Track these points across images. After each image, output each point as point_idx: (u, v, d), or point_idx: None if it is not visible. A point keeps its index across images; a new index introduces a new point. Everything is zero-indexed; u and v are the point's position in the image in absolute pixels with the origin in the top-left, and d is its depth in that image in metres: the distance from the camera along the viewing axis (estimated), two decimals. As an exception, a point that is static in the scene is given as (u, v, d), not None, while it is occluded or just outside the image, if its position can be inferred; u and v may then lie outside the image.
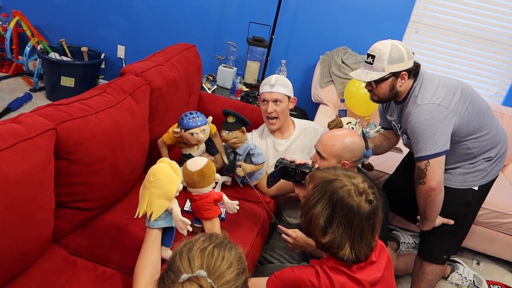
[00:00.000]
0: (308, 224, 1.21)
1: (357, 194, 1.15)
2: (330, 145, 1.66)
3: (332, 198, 1.16)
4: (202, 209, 1.41)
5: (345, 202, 1.14)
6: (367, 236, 1.16)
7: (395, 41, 1.69)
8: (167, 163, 1.28)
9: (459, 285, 2.39)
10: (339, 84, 3.01)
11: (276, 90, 1.99)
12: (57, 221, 1.38)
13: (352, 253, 1.15)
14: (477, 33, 3.06)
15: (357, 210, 1.14)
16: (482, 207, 2.35)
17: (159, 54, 2.09)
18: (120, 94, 1.63)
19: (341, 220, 1.14)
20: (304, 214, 1.22)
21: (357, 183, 1.17)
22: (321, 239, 1.17)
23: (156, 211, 1.22)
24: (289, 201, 2.16)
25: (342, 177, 1.19)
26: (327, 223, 1.16)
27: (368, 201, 1.15)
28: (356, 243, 1.15)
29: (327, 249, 1.19)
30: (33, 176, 1.16)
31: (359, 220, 1.14)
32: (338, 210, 1.14)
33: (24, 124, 1.19)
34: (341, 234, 1.15)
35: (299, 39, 3.27)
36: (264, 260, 1.96)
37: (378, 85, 1.71)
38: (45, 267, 1.30)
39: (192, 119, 1.73)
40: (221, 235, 0.89)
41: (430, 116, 1.63)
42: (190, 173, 1.37)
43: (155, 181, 1.22)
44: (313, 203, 1.18)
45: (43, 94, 3.51)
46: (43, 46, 3.41)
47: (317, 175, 1.25)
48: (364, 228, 1.15)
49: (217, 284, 0.81)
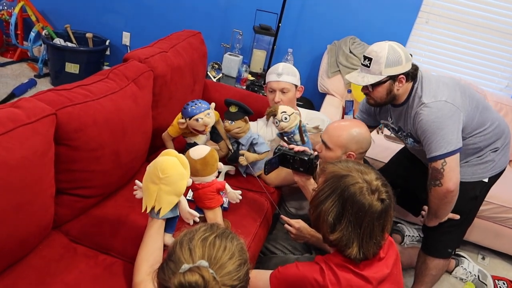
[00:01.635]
0: (316, 219, 1.17)
1: (369, 192, 1.10)
2: (337, 136, 1.63)
3: (342, 195, 1.11)
4: (205, 198, 1.39)
5: (356, 199, 1.09)
6: (376, 236, 1.12)
7: (393, 43, 1.63)
8: (175, 156, 1.24)
9: (463, 279, 2.37)
10: (346, 74, 2.95)
11: (283, 79, 1.95)
12: (57, 207, 1.37)
13: (360, 252, 1.11)
14: (488, 24, 2.99)
15: (368, 208, 1.09)
16: (488, 202, 2.35)
17: (164, 41, 2.06)
18: (123, 80, 1.60)
19: (350, 218, 1.10)
20: (313, 209, 1.18)
21: (370, 180, 1.12)
22: (328, 235, 1.13)
23: (165, 207, 1.21)
24: (293, 192, 2.14)
25: (355, 173, 1.13)
26: (336, 220, 1.11)
27: (381, 200, 1.10)
28: (364, 242, 1.11)
29: (334, 246, 1.16)
30: (33, 162, 1.15)
31: (369, 219, 1.09)
32: (348, 208, 1.10)
33: (23, 108, 1.17)
34: (349, 233, 1.10)
35: (307, 27, 3.22)
36: (267, 251, 1.94)
37: (375, 88, 1.65)
38: (45, 254, 1.29)
39: (194, 106, 1.71)
40: (223, 225, 0.87)
41: (440, 114, 1.58)
42: (193, 161, 1.34)
43: (166, 178, 1.18)
44: (323, 198, 1.14)
45: (47, 80, 3.49)
46: (48, 31, 3.39)
47: (328, 168, 1.19)
48: (374, 227, 1.11)
49: (219, 275, 0.79)
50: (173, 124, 1.80)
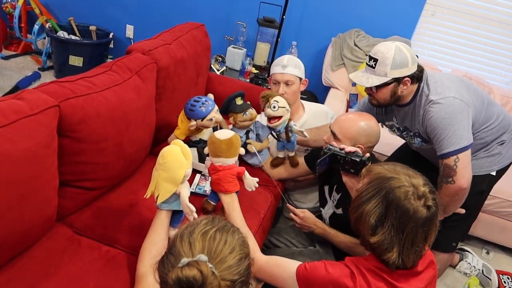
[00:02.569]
0: (357, 220, 1.13)
1: (415, 197, 1.06)
2: (347, 127, 1.62)
3: (387, 197, 1.07)
4: (224, 181, 1.37)
5: (401, 203, 1.05)
6: (418, 243, 1.08)
7: (400, 44, 1.59)
8: (179, 145, 1.24)
9: (467, 274, 2.36)
10: (351, 67, 2.94)
11: (288, 72, 1.94)
12: (61, 200, 1.37)
13: (399, 258, 1.07)
14: (495, 16, 2.95)
15: (413, 214, 1.05)
16: (493, 196, 2.33)
17: (167, 33, 2.05)
18: (126, 72, 1.59)
19: (394, 222, 1.06)
20: (354, 209, 1.14)
21: (417, 185, 1.07)
22: (369, 238, 1.09)
23: (162, 194, 1.21)
24: (297, 186, 2.13)
25: (402, 176, 1.09)
26: (378, 222, 1.07)
27: (427, 207, 1.06)
28: (405, 249, 1.07)
29: (373, 250, 1.11)
30: (36, 154, 1.14)
31: (413, 225, 1.05)
32: (392, 211, 1.05)
33: (26, 100, 1.16)
34: (391, 237, 1.06)
35: (311, 20, 3.19)
36: (271, 244, 1.94)
37: (379, 90, 1.63)
38: (49, 245, 1.29)
39: (202, 106, 1.67)
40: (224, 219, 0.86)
41: (450, 110, 1.56)
42: (218, 141, 1.35)
43: (164, 164, 1.20)
44: (366, 199, 1.10)
45: (51, 73, 3.49)
46: (52, 24, 3.38)
47: (374, 169, 1.15)
48: (417, 234, 1.06)
49: (219, 269, 0.78)
50: (179, 128, 1.73)
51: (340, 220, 1.69)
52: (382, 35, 3.02)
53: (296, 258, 1.71)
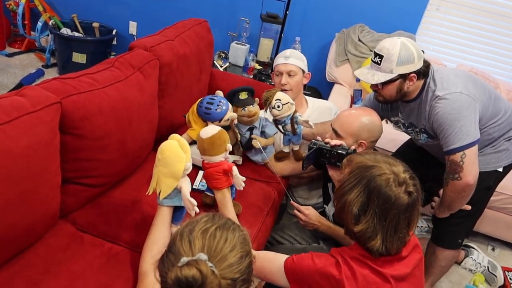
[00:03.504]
0: (340, 210, 1.14)
1: (396, 184, 1.07)
2: (348, 124, 1.61)
3: (368, 185, 1.08)
4: (211, 178, 1.38)
5: (383, 191, 1.06)
6: (401, 230, 1.09)
7: (405, 39, 1.57)
8: (177, 140, 1.24)
9: (473, 270, 2.34)
10: (355, 63, 2.92)
11: (291, 62, 1.94)
12: (64, 197, 1.37)
13: (383, 245, 1.08)
14: (501, 10, 2.91)
15: (395, 201, 1.06)
16: (499, 192, 2.31)
17: (170, 29, 2.04)
18: (129, 68, 1.58)
19: (376, 209, 1.07)
20: (337, 199, 1.15)
21: (398, 172, 1.08)
22: (352, 227, 1.10)
23: (164, 190, 1.21)
24: (300, 182, 2.13)
25: (382, 164, 1.10)
26: (361, 211, 1.09)
27: (408, 193, 1.07)
28: (389, 236, 1.08)
29: (357, 238, 1.13)
30: (38, 151, 1.14)
31: (395, 211, 1.06)
32: (374, 199, 1.07)
33: (28, 97, 1.16)
34: (374, 225, 1.07)
35: (315, 15, 3.17)
36: (274, 240, 1.93)
37: (384, 86, 1.61)
38: (52, 242, 1.29)
39: (218, 107, 1.65)
40: (224, 216, 0.85)
41: (457, 105, 1.54)
42: (201, 139, 1.34)
43: (163, 160, 1.20)
44: (348, 188, 1.11)
45: (55, 70, 3.49)
46: (55, 21, 3.38)
47: (355, 159, 1.16)
48: (400, 221, 1.08)
49: (219, 267, 0.77)
50: (194, 129, 1.70)
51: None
52: (387, 30, 2.99)
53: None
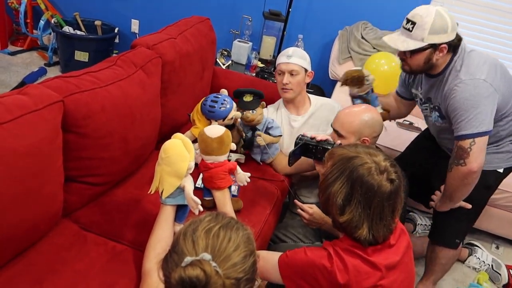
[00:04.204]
0: (325, 202, 1.16)
1: (378, 172, 1.09)
2: (349, 122, 1.60)
3: (351, 176, 1.10)
4: (216, 178, 1.38)
5: (365, 180, 1.08)
6: (386, 217, 1.11)
7: (440, 8, 1.51)
8: (180, 139, 1.24)
9: (476, 269, 2.33)
10: (358, 60, 2.91)
11: (293, 61, 1.92)
12: (67, 195, 1.37)
13: (369, 234, 1.10)
14: (505, 7, 2.89)
15: (377, 189, 1.08)
16: (503, 190, 2.30)
17: (172, 27, 2.03)
18: (131, 67, 1.58)
19: (360, 199, 1.09)
20: (322, 192, 1.17)
21: (379, 161, 1.10)
22: (338, 218, 1.12)
23: (166, 189, 1.20)
24: (303, 180, 2.12)
25: (363, 155, 1.12)
26: (345, 201, 1.10)
27: (390, 180, 1.09)
28: (374, 224, 1.10)
29: (344, 229, 1.14)
30: (40, 149, 1.14)
31: (379, 199, 1.08)
32: (358, 189, 1.08)
33: (30, 95, 1.16)
34: (359, 214, 1.09)
35: (317, 13, 3.16)
36: (277, 239, 1.93)
37: (413, 55, 1.56)
38: (55, 241, 1.29)
39: (222, 106, 1.64)
40: (230, 209, 0.85)
41: (476, 92, 1.50)
42: (210, 139, 1.34)
43: (166, 158, 1.20)
44: (331, 180, 1.13)
45: (57, 68, 3.50)
46: (57, 19, 3.38)
47: (336, 152, 1.18)
48: (384, 208, 1.09)
49: (223, 267, 0.76)
50: (198, 126, 1.70)
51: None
52: (390, 27, 2.97)
53: (303, 253, 1.71)
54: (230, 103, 1.67)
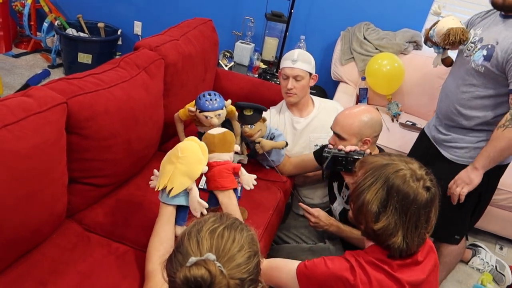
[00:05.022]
0: (358, 210, 1.12)
1: (414, 179, 1.06)
2: (349, 125, 1.59)
3: (387, 182, 1.07)
4: (219, 176, 1.33)
5: (402, 186, 1.05)
6: (422, 226, 1.08)
7: None
8: (196, 143, 1.26)
9: (480, 270, 2.32)
10: (360, 61, 2.90)
11: (298, 66, 1.92)
12: (70, 196, 1.38)
13: (404, 242, 1.07)
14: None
15: (414, 196, 1.05)
16: (507, 191, 2.29)
17: (174, 29, 2.04)
18: (134, 68, 1.59)
19: (396, 205, 1.06)
20: (354, 200, 1.14)
21: (414, 168, 1.09)
22: (373, 225, 1.08)
23: (176, 187, 1.20)
24: (306, 181, 2.12)
25: (397, 161, 1.10)
26: (381, 208, 1.07)
27: (426, 188, 1.07)
28: (409, 232, 1.07)
29: (377, 237, 1.10)
30: (44, 151, 1.15)
31: (415, 207, 1.05)
32: (394, 195, 1.06)
33: (34, 97, 1.17)
34: (395, 221, 1.06)
35: (320, 14, 3.16)
36: (280, 240, 1.93)
37: None
38: (59, 242, 1.30)
39: (209, 101, 1.66)
40: (238, 212, 0.85)
41: None
42: (211, 136, 1.34)
43: (183, 158, 1.20)
44: (365, 187, 1.10)
45: (61, 70, 3.51)
46: (61, 22, 3.40)
47: (368, 160, 1.16)
48: (420, 216, 1.07)
49: (227, 267, 0.77)
50: (185, 108, 1.77)
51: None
52: (392, 28, 2.97)
53: (305, 254, 1.71)
54: (216, 108, 1.66)
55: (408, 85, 2.82)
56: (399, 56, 2.80)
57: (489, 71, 1.54)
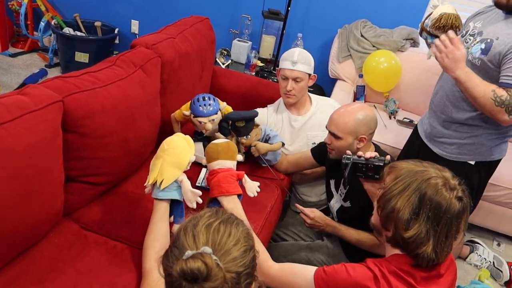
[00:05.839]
0: (387, 217, 1.10)
1: (447, 188, 1.05)
2: (343, 123, 1.59)
3: (419, 189, 1.05)
4: (224, 181, 1.32)
5: (435, 195, 1.04)
6: (452, 236, 1.07)
7: None
8: (182, 137, 1.29)
9: (478, 266, 2.33)
10: (357, 58, 2.90)
11: (298, 68, 1.90)
12: (67, 195, 1.37)
13: (433, 252, 1.05)
14: (506, 4, 2.88)
15: (447, 206, 1.04)
16: (504, 187, 2.30)
17: (171, 27, 2.04)
18: (130, 66, 1.58)
19: (429, 214, 1.04)
20: (383, 207, 1.10)
21: (448, 177, 1.07)
22: (403, 233, 1.06)
23: (166, 179, 1.21)
24: (304, 179, 2.12)
25: (430, 169, 1.09)
26: (413, 215, 1.05)
27: (459, 198, 1.05)
28: (440, 242, 1.05)
29: (406, 245, 1.07)
30: (41, 150, 1.14)
31: (448, 217, 1.04)
32: (427, 203, 1.04)
33: (30, 96, 1.16)
34: (427, 230, 1.04)
35: (317, 11, 3.16)
36: (278, 237, 1.94)
37: None
38: (56, 241, 1.30)
39: (203, 106, 1.66)
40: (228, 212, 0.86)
41: None
42: (215, 145, 1.35)
43: (169, 149, 1.24)
44: (396, 193, 1.07)
45: (58, 70, 3.50)
46: (57, 21, 3.39)
47: (399, 166, 1.14)
48: (452, 226, 1.05)
49: (223, 261, 0.77)
50: (181, 109, 1.79)
51: (348, 213, 1.67)
52: (389, 25, 2.97)
53: (303, 251, 1.72)
54: (211, 113, 1.68)
55: (406, 82, 2.83)
56: (396, 54, 2.80)
57: (485, 65, 1.54)
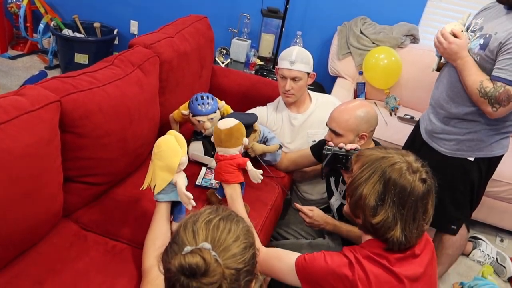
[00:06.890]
0: (355, 204, 1.12)
1: (410, 172, 1.07)
2: (344, 120, 1.58)
3: (384, 175, 1.07)
4: (224, 171, 1.35)
5: (399, 179, 1.06)
6: (419, 218, 1.08)
7: None
8: (173, 135, 1.27)
9: (481, 262, 2.32)
10: (357, 56, 2.89)
11: (296, 68, 1.89)
12: (66, 195, 1.37)
13: (402, 235, 1.06)
14: None
15: (411, 189, 1.05)
16: (507, 183, 2.29)
17: (169, 26, 2.03)
18: (128, 66, 1.58)
19: (394, 198, 1.06)
20: (351, 194, 1.13)
21: (410, 160, 1.09)
22: (371, 219, 1.08)
23: (159, 184, 1.22)
24: (305, 177, 2.11)
25: (394, 154, 1.10)
26: (378, 202, 1.07)
27: (422, 180, 1.07)
28: (408, 225, 1.06)
29: (375, 231, 1.10)
30: (38, 150, 1.14)
31: (413, 199, 1.06)
32: (391, 188, 1.06)
33: (27, 96, 1.16)
34: (393, 214, 1.06)
35: (316, 9, 3.15)
36: (279, 235, 1.93)
37: None
38: (56, 241, 1.30)
39: (201, 105, 1.66)
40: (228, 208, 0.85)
41: None
42: (218, 130, 1.35)
43: (158, 153, 1.22)
44: (362, 181, 1.09)
45: (58, 71, 3.51)
46: (57, 22, 3.39)
47: (364, 153, 1.16)
48: (418, 208, 1.07)
49: (223, 257, 0.77)
50: (179, 109, 1.79)
51: (348, 211, 1.67)
52: (389, 22, 2.96)
53: (305, 250, 1.71)
54: (210, 111, 1.68)
55: (406, 78, 2.82)
56: (396, 50, 2.79)
57: (484, 61, 1.54)
